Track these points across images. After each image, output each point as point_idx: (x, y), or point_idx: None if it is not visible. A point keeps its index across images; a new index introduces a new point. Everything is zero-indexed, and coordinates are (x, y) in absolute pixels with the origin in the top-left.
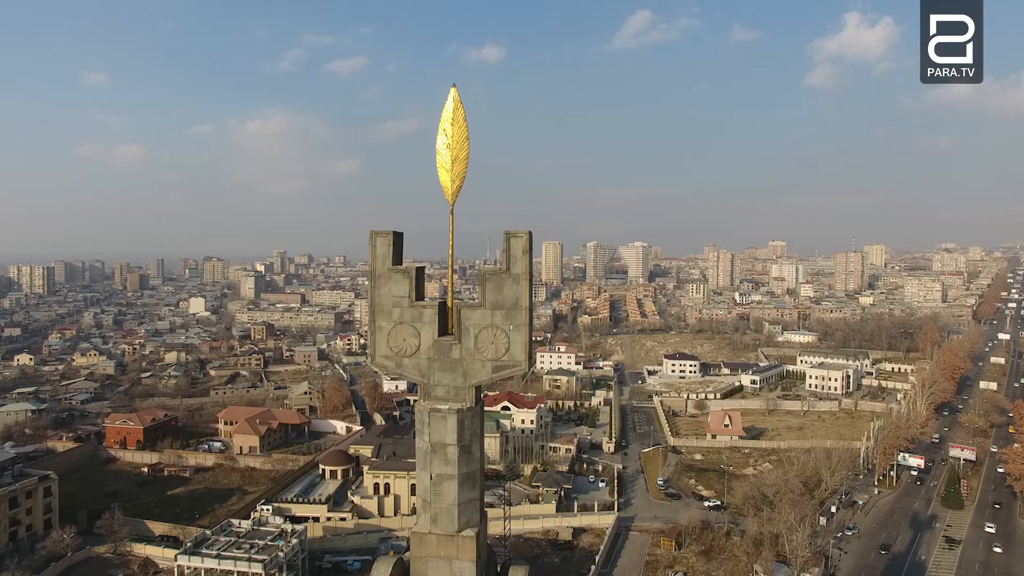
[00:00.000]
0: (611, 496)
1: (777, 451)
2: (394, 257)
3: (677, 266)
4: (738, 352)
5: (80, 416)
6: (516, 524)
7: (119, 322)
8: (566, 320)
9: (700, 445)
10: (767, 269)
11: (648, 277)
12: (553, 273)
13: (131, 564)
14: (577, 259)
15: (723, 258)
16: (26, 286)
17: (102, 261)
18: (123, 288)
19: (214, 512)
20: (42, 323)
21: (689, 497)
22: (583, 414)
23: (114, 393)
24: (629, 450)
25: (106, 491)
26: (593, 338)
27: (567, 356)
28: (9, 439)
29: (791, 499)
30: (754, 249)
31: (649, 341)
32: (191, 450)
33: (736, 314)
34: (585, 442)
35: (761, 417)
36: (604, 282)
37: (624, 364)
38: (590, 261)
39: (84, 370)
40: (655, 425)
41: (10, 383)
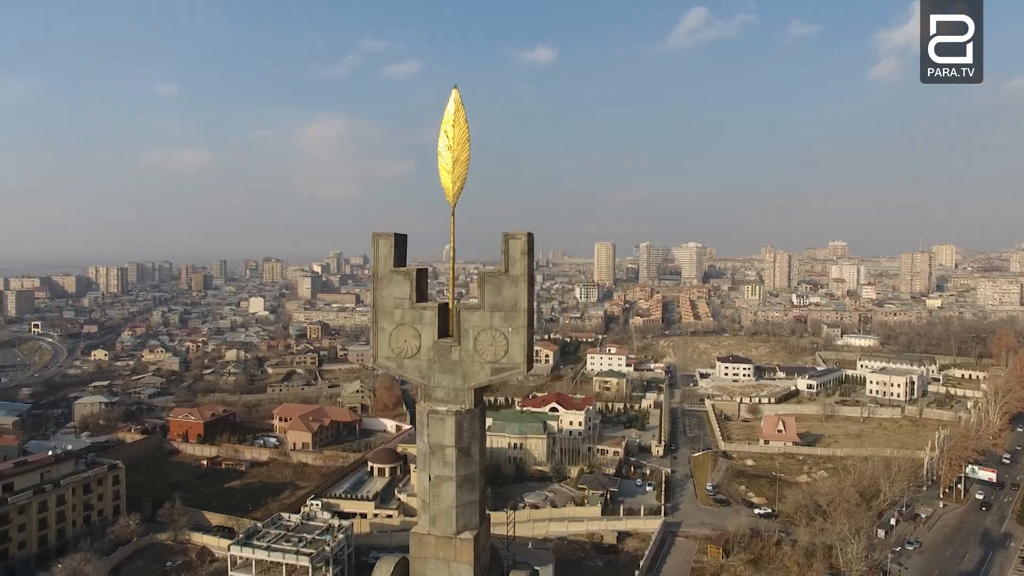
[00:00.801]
0: (658, 500)
1: (833, 459)
2: (396, 259)
3: (732, 267)
4: (794, 355)
5: (147, 409)
6: (560, 526)
7: (184, 320)
8: (618, 321)
9: (752, 450)
10: (826, 270)
11: (702, 278)
12: (605, 274)
13: (189, 552)
14: (630, 260)
15: (780, 259)
16: (103, 286)
17: (170, 262)
18: (188, 288)
19: (267, 505)
20: (116, 321)
21: (739, 504)
22: (632, 416)
23: (178, 388)
24: (678, 454)
25: (169, 481)
26: (645, 340)
27: (618, 358)
28: (86, 429)
29: (846, 509)
30: (813, 250)
31: (702, 343)
32: (247, 445)
33: (793, 316)
34: (634, 445)
35: (817, 423)
36: (657, 283)
37: (676, 366)
38: (643, 262)
39: (152, 366)
40: (706, 429)
41: (87, 377)
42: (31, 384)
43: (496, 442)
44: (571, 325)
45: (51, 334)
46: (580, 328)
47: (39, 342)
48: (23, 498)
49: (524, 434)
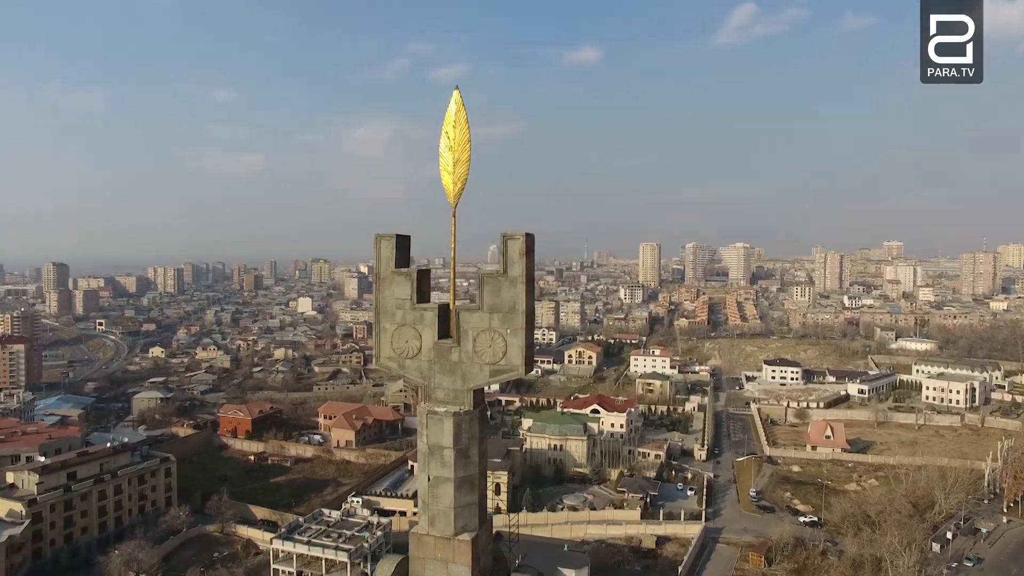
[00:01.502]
0: (699, 505)
1: (884, 467)
2: (398, 259)
3: (781, 268)
4: (845, 359)
5: (199, 405)
6: (598, 529)
7: (236, 320)
8: (662, 323)
9: (798, 456)
10: (880, 271)
11: (750, 279)
12: (651, 275)
13: (235, 544)
14: (676, 261)
15: (831, 259)
16: (160, 286)
17: (223, 263)
18: (240, 288)
19: (309, 501)
20: (172, 319)
21: (783, 511)
22: (676, 419)
23: (229, 385)
24: (722, 458)
25: (217, 475)
26: (690, 342)
27: (662, 360)
28: (143, 423)
29: (897, 520)
30: (867, 250)
31: (748, 346)
32: (293, 441)
33: (844, 319)
34: (676, 448)
35: (868, 429)
36: (703, 284)
37: (721, 369)
38: (689, 263)
39: (205, 363)
40: (751, 433)
41: (145, 373)
42: (95, 379)
43: (536, 443)
44: (615, 326)
45: (114, 331)
46: (624, 329)
47: (103, 339)
48: (85, 486)
49: (564, 435)
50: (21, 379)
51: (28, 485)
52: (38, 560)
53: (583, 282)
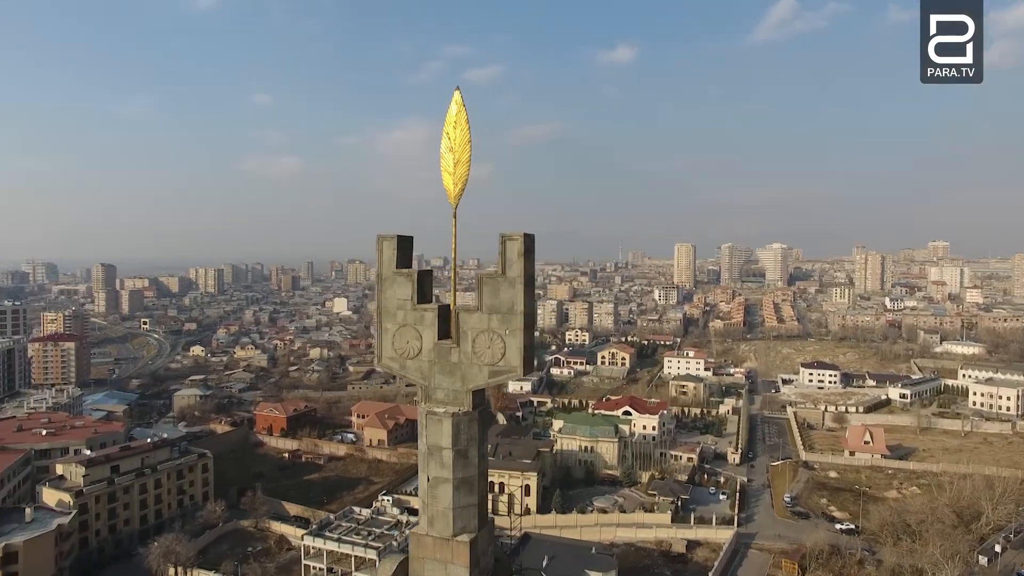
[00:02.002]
0: (731, 510)
1: (927, 474)
2: (399, 260)
3: (820, 269)
4: (886, 363)
5: (237, 403)
6: (628, 532)
7: (274, 319)
8: (697, 324)
9: (836, 462)
10: (925, 272)
11: (787, 280)
12: (686, 276)
13: (268, 539)
14: (711, 261)
15: (872, 260)
16: (201, 286)
17: (261, 263)
18: (278, 288)
19: (341, 498)
20: (213, 319)
21: (818, 517)
22: (709, 422)
23: (265, 384)
24: (756, 463)
25: (253, 472)
26: (725, 343)
27: (696, 362)
28: (183, 419)
29: (940, 530)
30: (910, 250)
31: (785, 348)
32: (326, 440)
33: (886, 321)
34: (709, 451)
35: (911, 435)
36: (739, 285)
37: (757, 372)
38: (724, 263)
39: (243, 362)
40: (786, 437)
41: (186, 371)
42: (139, 376)
43: (567, 444)
44: (649, 327)
45: (157, 330)
46: (658, 331)
47: (147, 338)
48: (127, 480)
49: (595, 437)
50: (72, 375)
51: (75, 477)
52: (84, 549)
53: (617, 283)
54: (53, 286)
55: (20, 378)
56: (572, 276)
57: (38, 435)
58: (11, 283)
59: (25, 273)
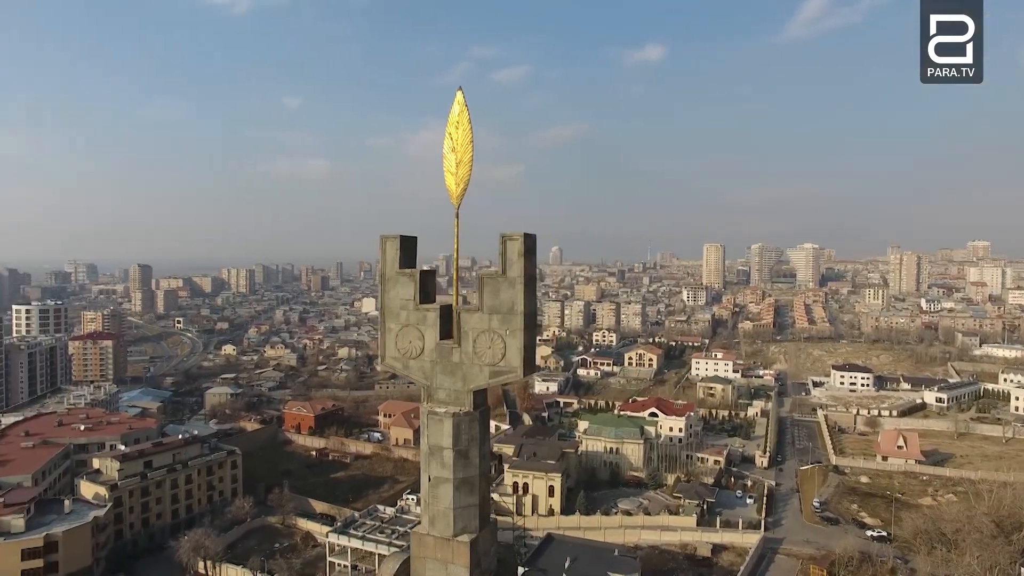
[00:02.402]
0: (758, 514)
1: (964, 481)
2: (402, 260)
3: (853, 269)
4: (922, 366)
5: (266, 401)
6: (652, 535)
7: (303, 319)
8: (726, 325)
9: (867, 467)
10: (963, 273)
11: (819, 281)
12: (714, 276)
13: (295, 536)
14: (741, 262)
15: (907, 260)
16: (234, 286)
17: (292, 264)
18: (308, 288)
19: (367, 497)
20: (244, 318)
21: (848, 523)
22: (737, 425)
23: (294, 383)
24: (785, 466)
25: (280, 469)
26: (754, 345)
27: (724, 363)
28: (214, 417)
29: (978, 540)
30: (948, 250)
31: (816, 350)
32: (353, 438)
33: (921, 323)
34: (736, 454)
35: (948, 441)
36: (769, 286)
37: (787, 374)
38: (754, 264)
39: (273, 361)
40: (816, 441)
41: (218, 369)
42: (173, 374)
43: (592, 446)
44: (677, 329)
45: (190, 329)
46: (686, 332)
47: (181, 336)
48: (159, 475)
49: (621, 439)
50: (110, 373)
51: (110, 471)
52: (119, 541)
53: (645, 284)
54: (93, 286)
55: (61, 375)
56: (600, 277)
57: (77, 430)
58: (54, 283)
59: (67, 273)
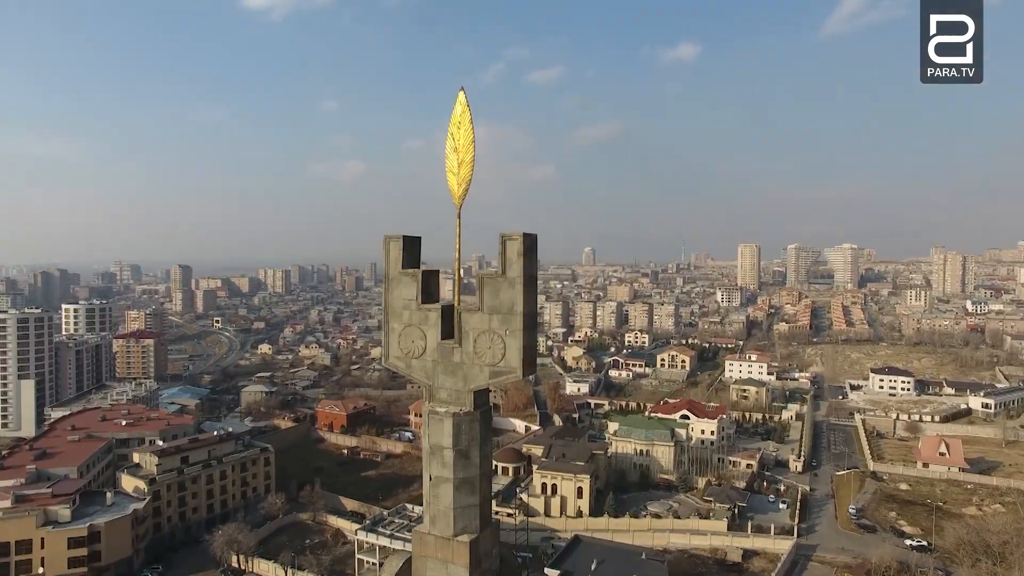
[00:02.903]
0: (791, 519)
1: (1012, 491)
2: (405, 260)
3: (894, 270)
4: (967, 370)
5: (300, 400)
6: (682, 538)
7: (338, 319)
8: (760, 327)
9: (907, 474)
10: (1013, 274)
11: (858, 282)
12: (750, 277)
13: (325, 532)
14: (777, 263)
15: (952, 261)
16: (270, 286)
17: (327, 264)
18: (342, 289)
19: (396, 496)
20: (280, 318)
21: (886, 531)
22: (771, 428)
23: (328, 382)
24: (820, 471)
25: (312, 467)
26: (790, 347)
27: (758, 365)
28: (249, 414)
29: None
30: (997, 251)
31: (855, 352)
32: (384, 437)
33: (967, 326)
34: (769, 458)
35: (994, 449)
36: (806, 287)
37: (823, 377)
38: (791, 264)
39: (307, 360)
40: (853, 446)
41: (254, 368)
42: (211, 372)
43: (622, 447)
44: (710, 330)
45: (228, 329)
46: (720, 333)
47: (219, 336)
48: (195, 470)
49: (651, 441)
50: (151, 370)
51: (149, 466)
52: (157, 533)
53: (679, 284)
54: (137, 286)
55: (106, 371)
56: (633, 277)
57: (119, 425)
58: (101, 283)
59: (113, 274)
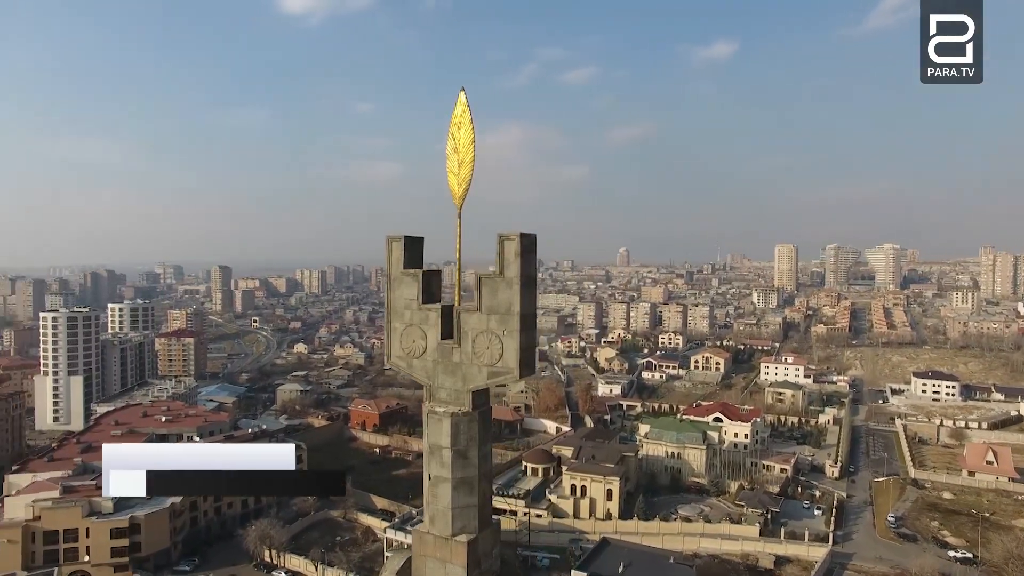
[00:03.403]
0: (827, 526)
1: None
2: (406, 261)
3: (939, 271)
4: (1018, 375)
5: (334, 399)
6: (712, 543)
7: (372, 319)
8: (798, 329)
9: (951, 482)
10: None
11: (900, 283)
12: (787, 278)
13: (356, 530)
14: (815, 263)
15: (1002, 261)
16: (307, 287)
17: (362, 265)
18: (377, 289)
19: None
20: (316, 318)
21: (927, 542)
22: (807, 432)
23: (362, 381)
24: (857, 477)
25: (345, 465)
26: (828, 349)
27: (795, 368)
28: (284, 413)
29: None
30: None
31: (896, 356)
32: (416, 437)
33: (1018, 329)
34: (804, 463)
35: None
36: (846, 288)
37: (863, 380)
38: (829, 265)
39: (341, 360)
40: (894, 452)
41: (289, 367)
42: (248, 371)
43: (653, 450)
44: (746, 332)
45: (265, 328)
46: (755, 335)
47: (257, 335)
48: None
49: (682, 443)
50: (191, 368)
51: None
52: (194, 527)
53: (714, 285)
54: (179, 286)
55: (149, 369)
56: (668, 278)
57: (159, 421)
58: (146, 283)
59: (157, 274)
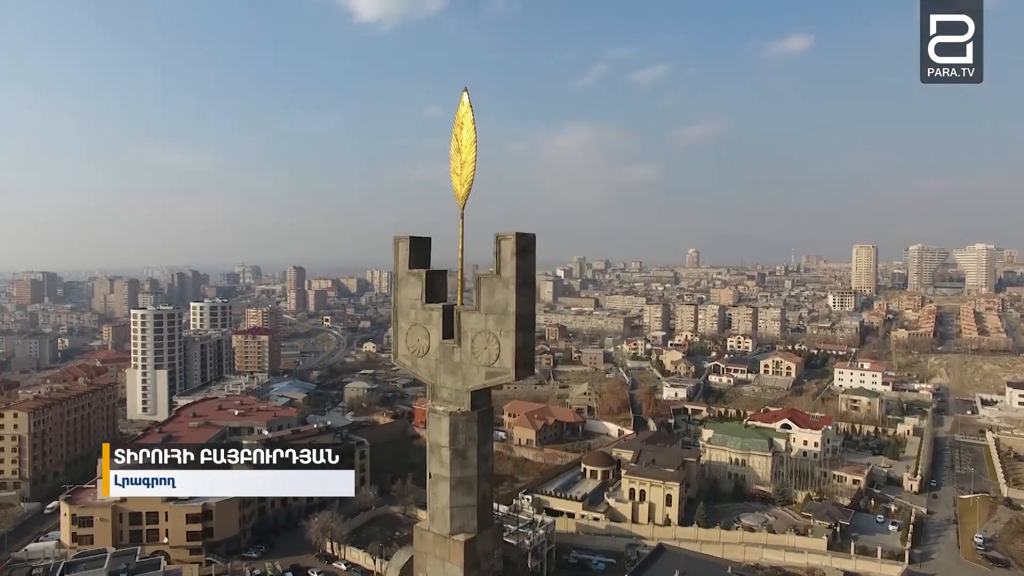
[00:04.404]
0: (903, 543)
1: None
2: (413, 260)
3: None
4: None
5: (399, 397)
6: (775, 554)
7: None
8: (876, 333)
9: None
10: None
11: (994, 286)
12: (865, 280)
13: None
14: (897, 264)
15: None
16: (376, 287)
17: None
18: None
19: None
20: (384, 318)
21: (1022, 567)
22: (884, 443)
23: None
24: (940, 493)
25: (407, 462)
26: (909, 356)
27: (872, 374)
28: (351, 410)
29: None
30: None
31: (988, 364)
32: None
33: None
34: (879, 475)
35: None
36: (931, 291)
37: (949, 389)
38: (913, 266)
39: None
40: (983, 468)
41: (358, 365)
42: (319, 368)
43: (716, 456)
44: (819, 336)
45: (336, 327)
46: (829, 339)
47: (328, 334)
48: None
49: (747, 450)
50: (265, 364)
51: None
52: (262, 516)
53: (787, 287)
54: (257, 286)
55: (226, 364)
56: (738, 280)
57: (232, 415)
58: (226, 283)
59: (236, 274)
